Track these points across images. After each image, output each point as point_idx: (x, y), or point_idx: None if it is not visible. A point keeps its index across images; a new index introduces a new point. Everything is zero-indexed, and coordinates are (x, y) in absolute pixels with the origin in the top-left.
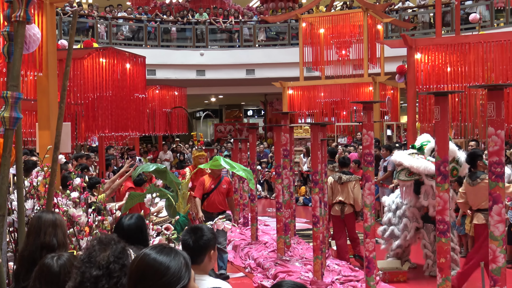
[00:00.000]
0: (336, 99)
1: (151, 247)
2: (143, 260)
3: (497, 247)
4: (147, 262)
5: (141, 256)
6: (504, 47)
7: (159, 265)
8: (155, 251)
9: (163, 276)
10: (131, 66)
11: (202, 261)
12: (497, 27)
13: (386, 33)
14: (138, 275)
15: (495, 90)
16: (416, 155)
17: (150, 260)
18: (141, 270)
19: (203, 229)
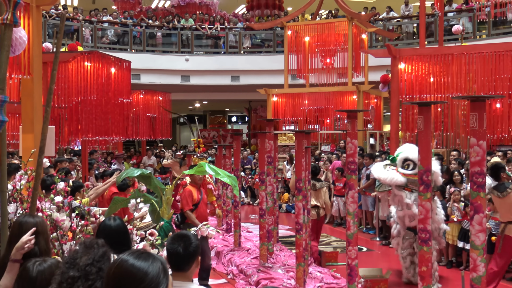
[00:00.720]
0: (320, 107)
1: (128, 253)
2: (121, 266)
3: (477, 256)
4: (125, 268)
5: (118, 262)
6: (486, 58)
7: (137, 271)
8: (133, 257)
9: (141, 282)
10: (116, 70)
11: (189, 268)
12: (480, 38)
13: (370, 42)
14: (115, 281)
15: (478, 102)
16: (388, 166)
17: (128, 266)
18: (118, 276)
19: (190, 237)
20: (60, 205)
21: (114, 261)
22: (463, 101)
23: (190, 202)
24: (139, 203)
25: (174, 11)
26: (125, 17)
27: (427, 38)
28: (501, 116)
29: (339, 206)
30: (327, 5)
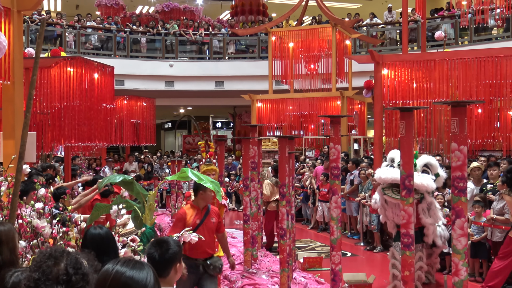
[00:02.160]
0: (304, 113)
1: (120, 263)
2: (118, 278)
3: (459, 260)
4: (123, 281)
5: (113, 273)
6: (468, 64)
7: (137, 284)
8: (128, 268)
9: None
10: (99, 76)
11: (168, 274)
12: (462, 45)
13: (354, 48)
14: None
15: (459, 107)
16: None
17: (127, 279)
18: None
19: (169, 242)
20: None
21: (106, 273)
22: (445, 107)
23: (180, 227)
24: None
25: (158, 17)
26: (109, 22)
27: (410, 44)
28: (483, 122)
29: (323, 211)
30: (311, 12)
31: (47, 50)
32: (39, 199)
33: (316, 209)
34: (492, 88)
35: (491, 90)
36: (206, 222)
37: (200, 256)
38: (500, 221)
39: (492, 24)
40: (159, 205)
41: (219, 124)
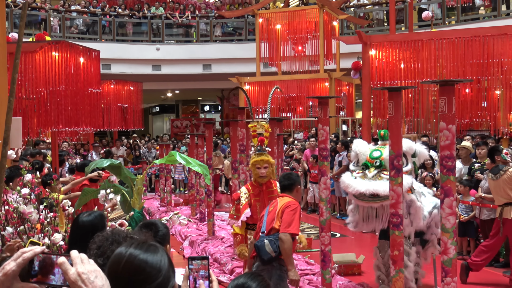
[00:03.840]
0: (292, 95)
1: (134, 245)
2: (131, 261)
3: (448, 239)
4: (137, 264)
5: (126, 256)
6: (455, 44)
7: (151, 267)
8: (142, 250)
9: (156, 279)
10: (85, 60)
11: None
12: (449, 25)
13: (341, 29)
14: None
15: (447, 86)
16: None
17: (141, 262)
18: (130, 273)
19: (158, 225)
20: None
21: (119, 255)
22: (433, 87)
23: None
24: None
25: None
26: (94, 6)
27: (397, 24)
28: (470, 101)
29: (314, 193)
30: None
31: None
32: (25, 184)
33: (307, 191)
34: (480, 67)
35: (479, 70)
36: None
37: None
38: (488, 199)
39: (479, 3)
40: (148, 190)
41: (207, 107)
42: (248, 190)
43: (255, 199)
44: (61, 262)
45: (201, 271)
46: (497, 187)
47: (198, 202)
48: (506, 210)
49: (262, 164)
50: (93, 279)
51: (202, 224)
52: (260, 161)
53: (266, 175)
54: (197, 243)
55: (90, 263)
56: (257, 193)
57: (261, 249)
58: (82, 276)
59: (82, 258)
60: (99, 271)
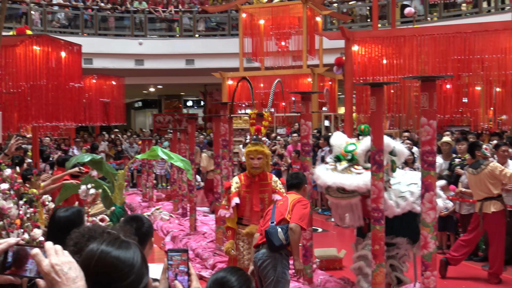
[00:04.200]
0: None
1: (105, 242)
2: (103, 259)
3: (428, 233)
4: (109, 262)
5: (98, 254)
6: (437, 40)
7: (123, 264)
8: (114, 247)
9: (129, 276)
10: (66, 55)
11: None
12: (431, 21)
13: (325, 25)
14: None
15: (428, 82)
16: (351, 168)
17: (113, 259)
18: (102, 271)
19: (142, 218)
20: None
21: (90, 253)
22: (415, 82)
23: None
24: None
25: None
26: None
27: (380, 20)
28: (451, 97)
29: None
30: None
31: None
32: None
33: None
34: (461, 63)
35: (460, 66)
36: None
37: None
38: (468, 194)
39: (461, 0)
40: (130, 185)
41: (190, 102)
42: (240, 180)
43: (245, 190)
44: (35, 253)
45: (180, 266)
46: (478, 182)
47: (180, 197)
48: (486, 204)
49: (256, 154)
50: (67, 270)
51: (184, 219)
52: (254, 151)
53: (259, 166)
54: (179, 238)
55: (64, 255)
56: (248, 184)
57: (274, 235)
58: (56, 267)
59: (56, 249)
60: (73, 263)
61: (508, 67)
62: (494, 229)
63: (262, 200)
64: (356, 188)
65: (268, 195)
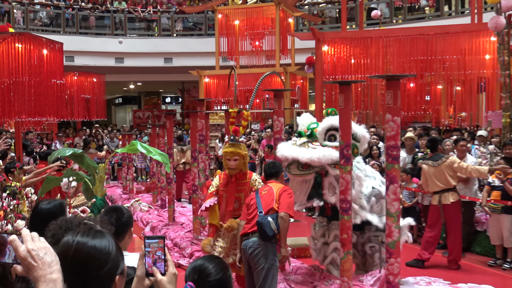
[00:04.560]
0: (250, 88)
1: (80, 233)
2: (81, 249)
3: (392, 223)
4: (86, 252)
5: (74, 245)
6: (401, 42)
7: (100, 253)
8: (89, 237)
9: (106, 264)
10: (48, 52)
11: (123, 239)
12: (396, 23)
13: (296, 26)
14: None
15: (393, 80)
16: (309, 143)
17: (90, 249)
18: (80, 261)
19: (122, 209)
20: None
21: (66, 245)
22: (381, 81)
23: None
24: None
25: None
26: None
27: (349, 22)
28: (415, 95)
29: None
30: None
31: None
32: None
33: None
34: (424, 63)
35: (423, 66)
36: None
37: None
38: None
39: (424, 4)
40: (111, 178)
41: (168, 99)
42: (220, 179)
43: (223, 189)
44: (12, 240)
45: (157, 252)
46: (437, 173)
47: (159, 190)
48: (444, 196)
49: (232, 156)
50: (43, 255)
51: (163, 211)
52: (230, 152)
53: (235, 167)
54: (158, 228)
55: (40, 241)
56: (226, 183)
57: (266, 226)
58: (32, 252)
59: (33, 236)
60: (49, 248)
61: (467, 67)
62: (452, 219)
63: (238, 199)
64: (309, 160)
65: (244, 194)
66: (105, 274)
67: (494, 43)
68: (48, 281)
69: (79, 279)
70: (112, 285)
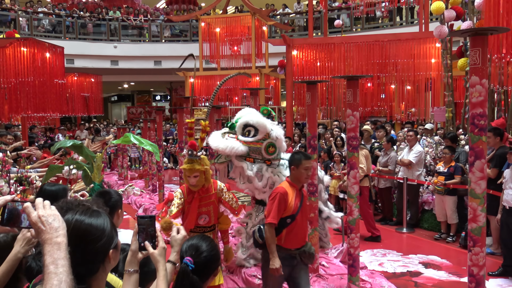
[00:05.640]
0: (229, 87)
1: (79, 212)
2: (78, 226)
3: (353, 203)
4: (84, 228)
5: (73, 222)
6: (360, 47)
7: (95, 229)
8: (87, 216)
9: (101, 239)
10: (50, 55)
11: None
12: (356, 31)
13: (270, 33)
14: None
15: (352, 80)
16: (227, 134)
17: (86, 226)
18: (77, 236)
19: (111, 192)
20: None
21: (67, 222)
22: (343, 81)
23: (282, 209)
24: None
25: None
26: (59, 8)
27: (315, 30)
28: (372, 93)
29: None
30: (234, 2)
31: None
32: None
33: None
34: (379, 66)
35: (378, 68)
36: (304, 205)
37: (297, 245)
38: (384, 172)
39: (379, 15)
40: (108, 166)
41: (158, 97)
42: (184, 194)
43: (188, 206)
44: (26, 206)
45: (148, 229)
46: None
47: (150, 176)
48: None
49: (191, 173)
50: (51, 221)
51: (154, 195)
52: (188, 170)
53: (196, 184)
54: (149, 210)
55: (51, 209)
56: (190, 199)
57: (253, 236)
58: (42, 218)
59: (45, 204)
60: (58, 215)
61: (416, 69)
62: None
63: (207, 213)
64: (215, 149)
65: (213, 206)
66: (100, 248)
67: (438, 48)
68: (53, 244)
69: (77, 251)
70: (106, 257)
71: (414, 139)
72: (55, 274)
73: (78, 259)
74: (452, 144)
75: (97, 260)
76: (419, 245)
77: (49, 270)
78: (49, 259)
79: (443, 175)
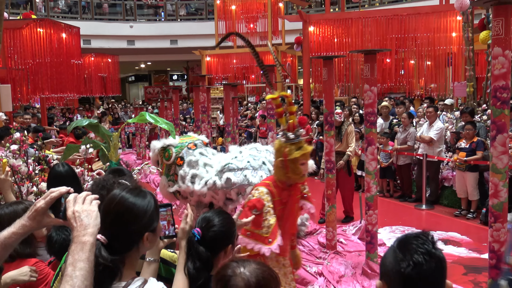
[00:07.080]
0: (246, 65)
1: (126, 190)
2: (122, 203)
3: (371, 179)
4: (126, 206)
5: (118, 198)
6: (379, 22)
7: (138, 209)
8: (133, 195)
9: (142, 219)
10: (66, 36)
11: None
12: (374, 6)
13: (286, 10)
14: (115, 216)
15: (370, 55)
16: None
17: (130, 204)
18: (120, 212)
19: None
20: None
21: (113, 196)
22: (360, 57)
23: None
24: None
25: None
26: None
27: (332, 5)
28: (390, 69)
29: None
30: None
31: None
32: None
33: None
34: (398, 41)
35: (397, 43)
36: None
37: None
38: (403, 149)
39: None
40: (127, 146)
41: (175, 76)
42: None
43: (280, 208)
44: (67, 201)
45: (168, 217)
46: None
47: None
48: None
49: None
50: (83, 217)
51: None
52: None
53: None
54: None
55: (90, 204)
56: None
57: None
58: (75, 214)
59: (86, 198)
60: (92, 212)
61: (436, 44)
62: None
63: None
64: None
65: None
66: (136, 229)
67: (459, 22)
68: (78, 243)
69: (114, 227)
70: (141, 239)
71: (434, 115)
72: (70, 278)
73: (114, 234)
74: (471, 119)
75: (132, 240)
76: (439, 222)
77: (67, 272)
78: (70, 259)
79: (465, 151)
